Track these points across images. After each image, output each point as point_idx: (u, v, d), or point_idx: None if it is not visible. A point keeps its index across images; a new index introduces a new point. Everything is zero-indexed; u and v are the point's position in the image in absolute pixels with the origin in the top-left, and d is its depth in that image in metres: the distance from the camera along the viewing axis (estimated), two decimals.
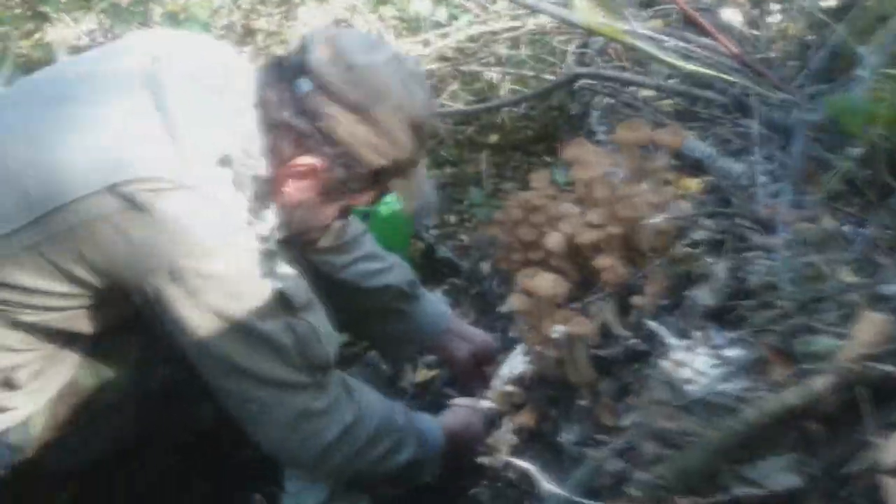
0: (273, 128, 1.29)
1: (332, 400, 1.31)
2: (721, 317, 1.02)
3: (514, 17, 2.43)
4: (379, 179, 1.36)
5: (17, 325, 1.27)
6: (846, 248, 1.07)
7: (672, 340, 0.98)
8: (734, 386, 0.80)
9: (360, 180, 1.34)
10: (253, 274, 1.22)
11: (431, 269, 2.38)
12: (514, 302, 1.22)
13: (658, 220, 1.16)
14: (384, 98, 1.27)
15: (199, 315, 1.20)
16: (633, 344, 1.10)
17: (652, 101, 2.13)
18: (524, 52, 2.45)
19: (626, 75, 2.01)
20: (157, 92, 1.23)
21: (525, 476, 1.22)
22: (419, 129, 1.33)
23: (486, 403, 1.40)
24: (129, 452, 1.44)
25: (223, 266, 1.20)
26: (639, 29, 1.60)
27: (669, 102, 2.10)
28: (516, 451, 1.24)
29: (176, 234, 1.17)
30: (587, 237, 1.23)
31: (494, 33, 2.47)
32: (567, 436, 1.09)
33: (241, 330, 1.22)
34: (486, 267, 2.37)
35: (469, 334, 1.83)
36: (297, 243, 1.44)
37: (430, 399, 1.90)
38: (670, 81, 2.03)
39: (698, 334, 0.97)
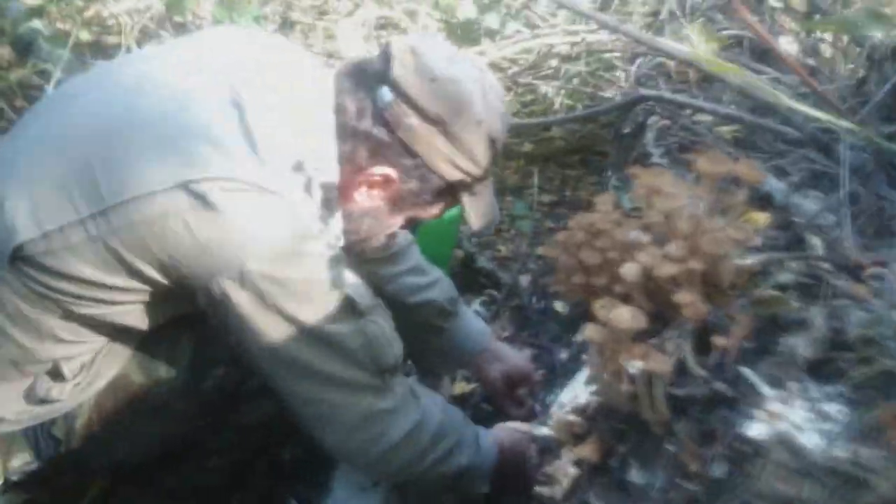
0: (350, 135, 1.27)
1: (398, 401, 1.29)
2: (815, 368, 0.98)
3: (572, 33, 2.38)
4: (450, 192, 1.34)
5: (71, 317, 1.25)
6: None
7: (765, 390, 0.94)
8: (851, 450, 0.77)
9: (432, 192, 1.33)
10: (321, 278, 1.20)
11: (470, 278, 2.34)
12: (588, 332, 1.18)
13: (749, 260, 1.12)
14: (465, 111, 1.25)
15: (267, 318, 1.18)
16: (716, 387, 1.06)
17: (711, 126, 2.08)
18: (580, 67, 2.41)
19: (699, 102, 1.97)
20: (234, 91, 1.21)
21: None
22: (495, 144, 1.31)
23: (543, 430, 1.37)
24: (178, 452, 1.41)
25: (293, 270, 1.18)
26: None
27: (729, 129, 2.05)
28: (578, 484, 1.20)
29: (246, 236, 1.15)
30: (666, 271, 1.19)
31: (551, 46, 2.43)
32: (644, 476, 1.05)
33: (310, 333, 1.19)
34: (525, 280, 2.34)
35: (505, 355, 1.80)
36: (350, 252, 1.42)
37: (470, 413, 1.86)
38: (732, 107, 1.99)
39: (794, 385, 0.94)
